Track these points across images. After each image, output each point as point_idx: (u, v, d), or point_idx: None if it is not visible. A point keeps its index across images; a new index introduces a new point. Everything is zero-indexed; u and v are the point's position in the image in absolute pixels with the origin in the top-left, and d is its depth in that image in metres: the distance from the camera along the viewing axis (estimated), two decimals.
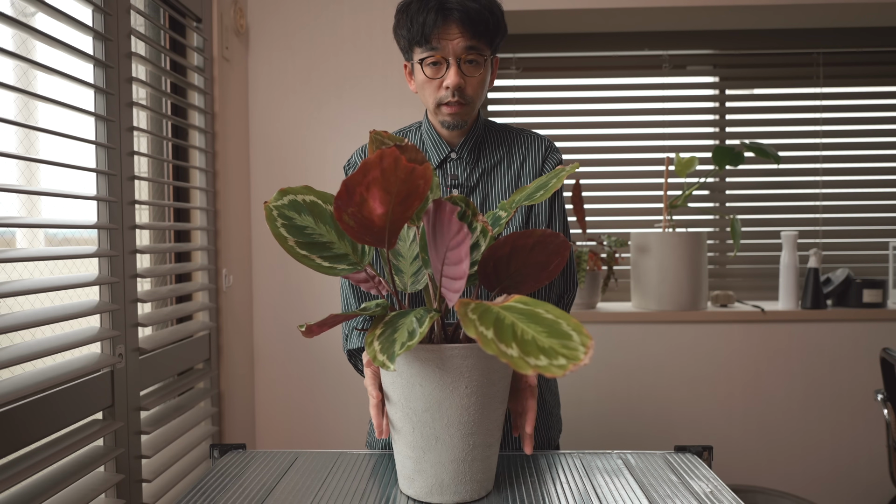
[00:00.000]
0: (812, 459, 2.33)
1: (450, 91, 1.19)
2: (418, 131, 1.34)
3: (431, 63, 1.18)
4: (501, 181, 1.29)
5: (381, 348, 0.80)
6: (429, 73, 1.19)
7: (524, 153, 1.30)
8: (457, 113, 1.21)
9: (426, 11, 1.15)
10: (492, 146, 1.30)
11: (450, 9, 1.15)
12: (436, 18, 1.15)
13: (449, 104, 1.20)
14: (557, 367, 0.66)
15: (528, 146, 1.30)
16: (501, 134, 1.32)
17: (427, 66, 1.19)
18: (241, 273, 2.17)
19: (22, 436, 1.12)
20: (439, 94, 1.20)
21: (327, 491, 0.99)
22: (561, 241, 0.89)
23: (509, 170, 1.29)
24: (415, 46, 1.20)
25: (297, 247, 0.92)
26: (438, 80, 1.19)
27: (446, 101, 1.20)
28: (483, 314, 0.74)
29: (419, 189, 0.77)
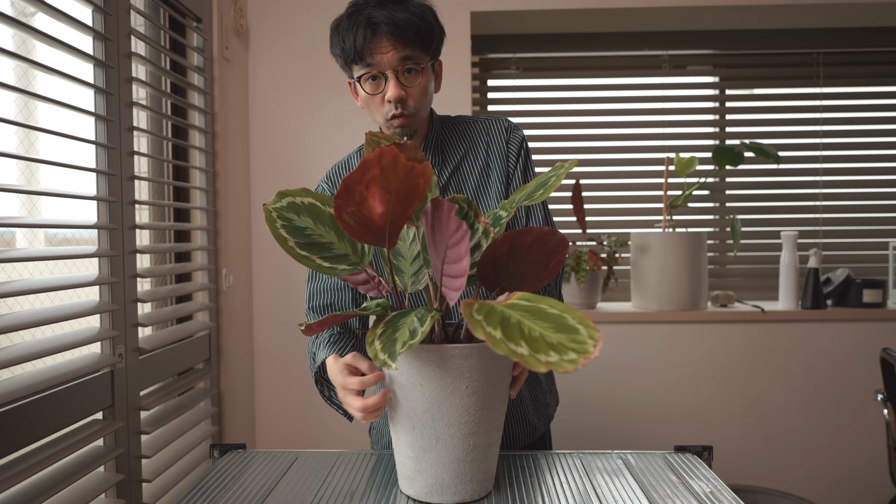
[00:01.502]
0: (812, 459, 2.33)
1: (392, 104, 1.17)
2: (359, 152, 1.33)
3: (370, 78, 1.17)
4: (471, 174, 1.28)
5: (383, 347, 0.80)
6: (369, 90, 1.19)
7: (486, 140, 1.29)
8: (404, 125, 1.20)
9: (355, 28, 1.14)
10: (453, 142, 1.30)
11: (377, 23, 1.13)
12: (365, 34, 1.14)
13: (395, 117, 1.19)
14: (569, 361, 0.66)
15: (488, 132, 1.29)
16: (459, 127, 1.31)
17: (366, 83, 1.18)
18: (241, 273, 2.17)
19: (22, 436, 1.12)
20: (383, 108, 1.19)
21: (327, 491, 0.99)
22: (559, 238, 0.89)
23: (476, 161, 1.28)
24: (352, 64, 1.19)
25: (298, 247, 0.92)
26: (380, 94, 1.18)
27: (391, 114, 1.19)
28: (489, 314, 0.74)
29: (419, 188, 0.77)
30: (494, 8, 2.25)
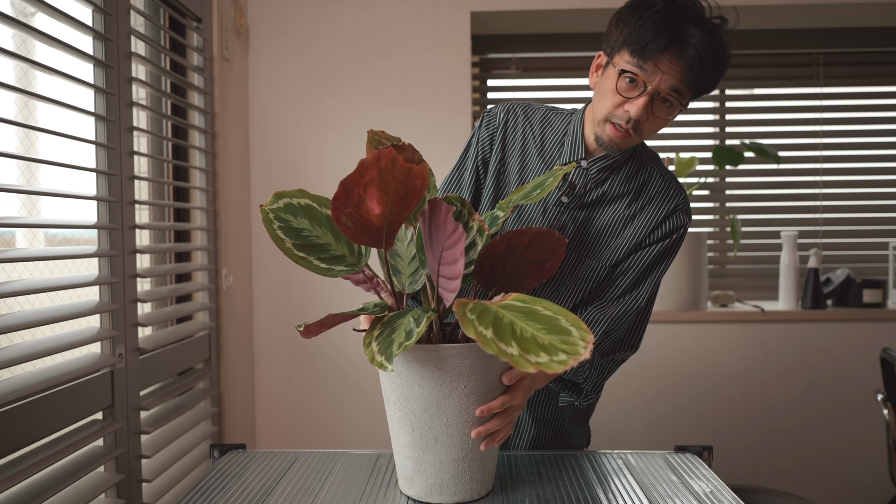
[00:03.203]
0: (812, 459, 2.33)
1: (627, 116, 1.06)
2: (568, 118, 1.22)
3: (629, 79, 1.05)
4: (612, 215, 1.18)
5: (380, 349, 0.80)
6: (620, 88, 1.06)
7: (650, 198, 1.17)
8: (619, 140, 1.10)
9: (662, 30, 1.01)
10: (624, 175, 1.18)
11: (688, 44, 1.02)
12: (666, 46, 1.02)
13: (618, 127, 1.09)
14: (558, 362, 0.67)
15: (657, 192, 1.18)
16: (643, 167, 1.20)
17: (623, 80, 1.06)
18: (241, 273, 2.18)
19: (22, 436, 1.12)
20: (616, 111, 1.08)
21: (327, 491, 0.99)
22: (556, 238, 0.89)
23: (627, 209, 1.18)
24: (625, 50, 1.05)
25: (295, 248, 0.92)
26: (623, 98, 1.07)
27: (617, 122, 1.08)
28: (482, 313, 0.74)
29: (416, 189, 0.77)
30: (494, 8, 2.25)
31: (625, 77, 1.06)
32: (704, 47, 1.02)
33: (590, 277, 1.19)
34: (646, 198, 1.18)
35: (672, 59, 1.03)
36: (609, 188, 1.18)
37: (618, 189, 1.18)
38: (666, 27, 1.01)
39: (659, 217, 1.17)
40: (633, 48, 1.04)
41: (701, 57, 1.03)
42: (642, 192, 1.18)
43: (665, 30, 1.01)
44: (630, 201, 1.18)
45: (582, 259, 1.19)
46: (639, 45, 1.03)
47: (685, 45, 1.02)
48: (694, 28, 1.02)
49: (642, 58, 1.03)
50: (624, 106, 1.07)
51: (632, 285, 1.18)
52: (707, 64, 1.04)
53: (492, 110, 1.26)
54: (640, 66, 1.04)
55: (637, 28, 1.03)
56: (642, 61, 1.04)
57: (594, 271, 1.19)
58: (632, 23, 1.04)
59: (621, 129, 1.08)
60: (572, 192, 1.18)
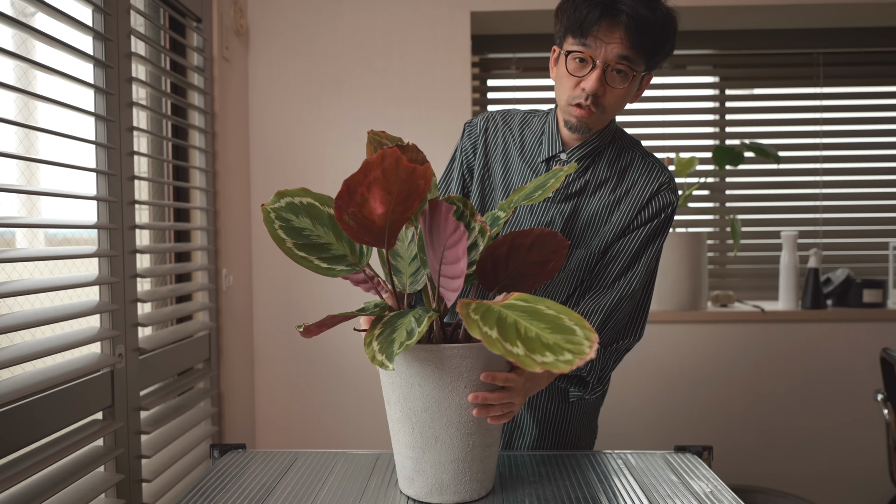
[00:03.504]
0: (812, 459, 2.33)
1: (584, 94, 1.10)
2: (544, 118, 1.26)
3: (578, 59, 1.10)
4: (600, 203, 1.20)
5: (380, 348, 0.80)
6: (571, 69, 1.11)
7: (634, 181, 1.19)
8: (584, 118, 1.13)
9: (594, 5, 1.07)
10: (606, 161, 1.20)
11: (619, 10, 1.06)
12: (600, 16, 1.06)
13: (580, 106, 1.12)
14: (564, 362, 0.67)
15: (640, 174, 1.20)
16: (622, 150, 1.22)
17: (571, 61, 1.10)
18: (241, 273, 2.17)
19: (22, 436, 1.12)
20: (573, 92, 1.12)
21: (327, 491, 0.99)
22: (559, 240, 0.89)
23: (612, 194, 1.19)
24: (568, 35, 1.11)
25: (296, 248, 0.92)
26: (578, 78, 1.11)
27: (577, 101, 1.12)
28: (485, 314, 0.74)
29: (419, 189, 0.77)
30: (494, 8, 2.25)
31: (573, 58, 1.11)
32: (637, 11, 1.06)
33: (581, 266, 1.20)
34: (629, 181, 1.20)
35: (609, 27, 1.07)
36: (592, 176, 1.20)
37: (601, 176, 1.20)
38: (597, 1, 1.07)
39: (644, 198, 1.18)
40: (573, 30, 1.10)
41: (637, 19, 1.06)
42: (625, 175, 1.20)
43: (596, 3, 1.07)
44: (614, 186, 1.20)
45: (573, 249, 1.20)
46: (576, 24, 1.09)
47: (616, 11, 1.06)
48: None
49: (583, 35, 1.08)
50: (580, 85, 1.11)
51: (623, 270, 1.19)
52: (645, 25, 1.07)
53: (472, 121, 1.31)
54: (583, 43, 1.09)
55: (573, 11, 1.10)
56: (584, 38, 1.09)
57: (584, 260, 1.20)
58: (568, 9, 1.11)
59: (583, 106, 1.12)
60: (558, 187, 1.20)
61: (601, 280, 1.19)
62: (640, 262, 1.19)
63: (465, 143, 1.29)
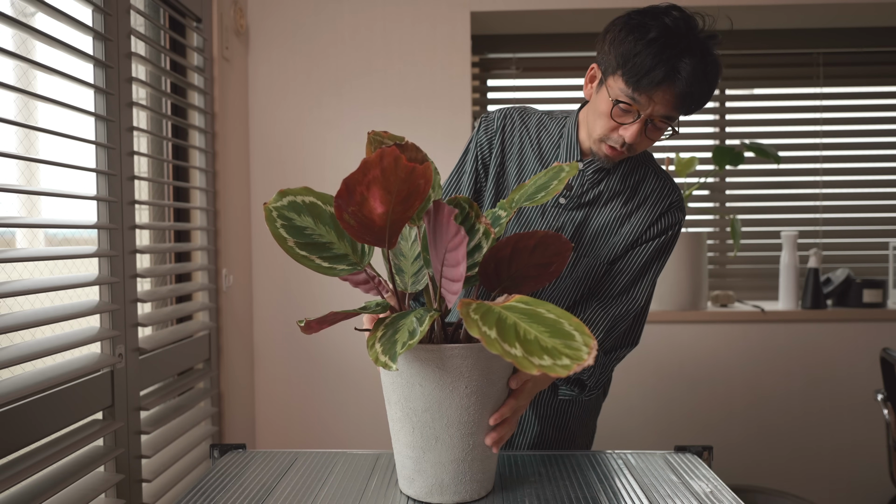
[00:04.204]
0: (812, 459, 2.33)
1: (621, 140, 1.11)
2: (562, 122, 1.25)
3: (624, 108, 1.09)
4: (610, 216, 1.20)
5: (383, 349, 0.80)
6: (615, 115, 1.10)
7: (646, 196, 1.21)
8: (613, 157, 1.15)
9: (656, 63, 1.03)
10: (620, 175, 1.22)
11: (680, 78, 1.04)
12: (661, 80, 1.04)
13: (613, 148, 1.13)
14: (562, 366, 0.67)
15: (652, 190, 1.21)
16: (637, 166, 1.23)
17: (617, 108, 1.09)
18: (241, 273, 2.17)
19: (22, 436, 1.12)
20: (611, 134, 1.12)
21: (327, 491, 0.99)
22: (562, 242, 0.89)
23: (623, 207, 1.21)
24: (619, 74, 1.07)
25: (297, 247, 0.92)
26: (617, 122, 1.10)
27: (611, 143, 1.12)
28: (485, 314, 0.74)
29: (420, 188, 0.77)
30: (494, 8, 2.25)
31: (619, 105, 1.09)
32: (697, 76, 1.04)
33: (588, 275, 1.22)
34: (641, 196, 1.21)
35: (665, 91, 1.05)
36: (605, 188, 1.21)
37: (614, 188, 1.21)
38: (661, 59, 1.03)
39: (654, 215, 1.20)
40: (628, 78, 1.06)
41: (692, 86, 1.05)
42: (638, 190, 1.21)
43: (660, 62, 1.03)
44: (626, 200, 1.21)
45: (580, 258, 1.22)
46: (633, 76, 1.05)
47: (676, 79, 1.04)
48: (687, 60, 1.03)
49: (636, 90, 1.06)
50: (619, 130, 1.11)
51: (630, 283, 1.20)
52: (699, 90, 1.06)
53: (489, 115, 1.29)
54: (634, 97, 1.07)
55: (632, 56, 1.04)
56: (636, 93, 1.06)
57: (592, 269, 1.22)
58: (626, 47, 1.05)
59: (616, 150, 1.13)
60: (569, 194, 1.21)
61: (607, 290, 1.21)
62: (645, 277, 1.21)
63: (480, 137, 1.27)
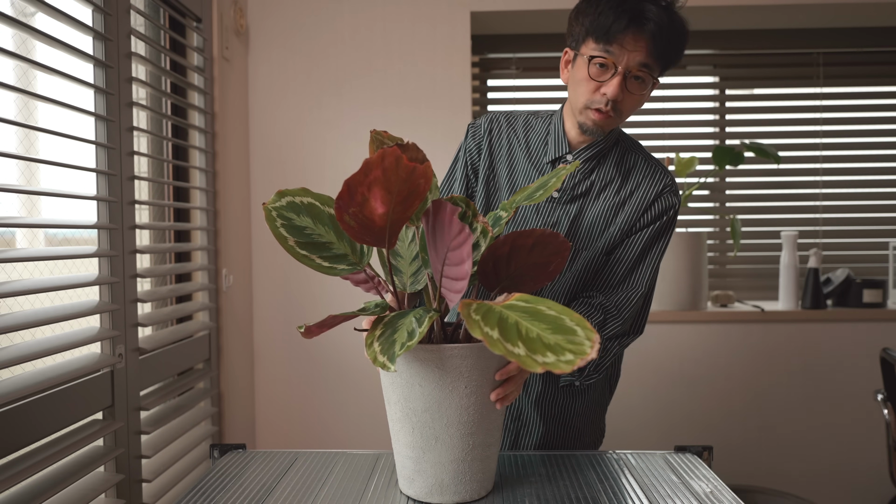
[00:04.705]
0: (812, 459, 2.33)
1: (605, 99, 1.12)
2: (548, 119, 1.28)
3: (599, 64, 1.11)
4: (605, 204, 1.22)
5: (382, 349, 0.80)
6: (593, 73, 1.12)
7: (638, 182, 1.22)
8: (602, 122, 1.16)
9: (620, 13, 1.08)
10: (611, 162, 1.23)
11: (647, 19, 1.08)
12: (627, 25, 1.08)
13: (599, 111, 1.14)
14: (565, 362, 0.67)
15: (645, 175, 1.22)
16: (627, 153, 1.25)
17: (593, 66, 1.12)
18: (241, 273, 2.17)
19: (22, 436, 1.12)
20: (593, 97, 1.14)
21: (327, 491, 0.99)
22: (560, 241, 0.89)
23: (616, 195, 1.22)
24: (590, 39, 1.12)
25: (297, 247, 0.92)
26: (598, 83, 1.13)
27: (597, 106, 1.14)
28: (486, 314, 0.74)
29: (420, 188, 0.77)
30: (494, 8, 2.25)
31: (595, 63, 1.12)
32: (662, 20, 1.09)
33: (588, 267, 1.23)
34: (633, 183, 1.22)
35: (635, 36, 1.09)
36: (597, 177, 1.23)
37: (606, 177, 1.23)
38: (623, 9, 1.09)
39: (648, 200, 1.21)
40: (597, 35, 1.11)
41: (661, 28, 1.09)
42: (629, 177, 1.23)
43: (623, 11, 1.08)
44: (618, 188, 1.22)
45: (579, 252, 1.22)
46: (602, 30, 1.10)
47: (644, 20, 1.09)
48: (649, 4, 1.09)
49: (607, 41, 1.10)
50: (600, 90, 1.13)
51: (629, 270, 1.22)
52: (667, 35, 1.10)
53: (476, 121, 1.32)
54: (607, 49, 1.10)
55: (597, 16, 1.10)
56: (608, 45, 1.10)
57: (590, 262, 1.22)
58: (591, 13, 1.12)
59: (603, 111, 1.14)
60: (562, 187, 1.22)
61: (607, 280, 1.21)
62: (644, 263, 1.21)
63: (468, 144, 1.30)
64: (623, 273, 1.21)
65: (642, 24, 1.08)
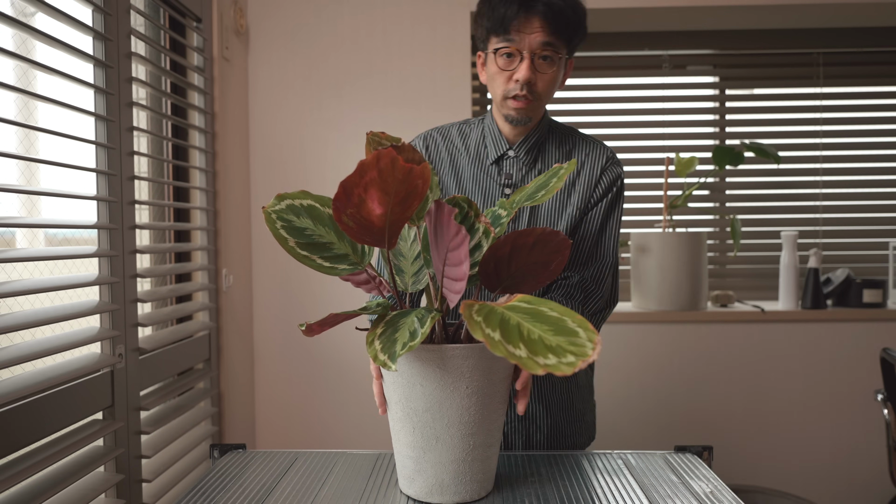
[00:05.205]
0: (812, 459, 2.33)
1: (519, 84, 1.17)
2: (480, 123, 1.33)
3: (505, 54, 1.17)
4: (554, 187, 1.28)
5: (383, 348, 0.80)
6: (501, 65, 1.18)
7: (583, 160, 1.27)
8: (523, 108, 1.20)
9: (509, 2, 1.14)
10: (552, 148, 1.29)
11: (534, 1, 1.14)
12: (518, 10, 1.14)
13: (516, 98, 1.19)
14: (567, 364, 0.66)
15: (588, 154, 1.28)
16: (564, 137, 1.30)
17: (500, 57, 1.18)
18: (241, 273, 2.17)
19: (22, 436, 1.12)
20: (508, 86, 1.19)
21: (327, 491, 0.99)
22: (560, 239, 0.89)
23: None
24: (492, 35, 1.18)
25: (298, 247, 0.92)
26: (509, 72, 1.18)
27: (513, 94, 1.19)
28: (488, 315, 0.74)
29: (418, 189, 0.77)
30: None
31: (501, 54, 1.18)
32: None
33: None
34: (578, 162, 1.27)
35: (528, 19, 1.15)
36: (542, 165, 1.28)
37: (550, 161, 1.28)
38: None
39: (596, 175, 1.27)
40: (496, 29, 1.17)
41: (551, 7, 1.14)
42: (573, 157, 1.28)
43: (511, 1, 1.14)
44: None
45: None
46: (498, 23, 1.16)
47: (533, 2, 1.14)
48: None
49: (506, 31, 1.16)
50: (512, 77, 1.18)
51: (595, 244, 1.27)
52: (560, 11, 1.15)
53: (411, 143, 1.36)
54: (508, 38, 1.16)
55: (491, 12, 1.17)
56: (507, 34, 1.16)
57: None
58: (486, 11, 1.18)
59: (520, 97, 1.19)
60: (511, 182, 1.27)
61: (576, 257, 1.26)
62: (605, 234, 1.27)
63: None
64: (589, 248, 1.26)
65: (532, 5, 1.14)
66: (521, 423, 1.31)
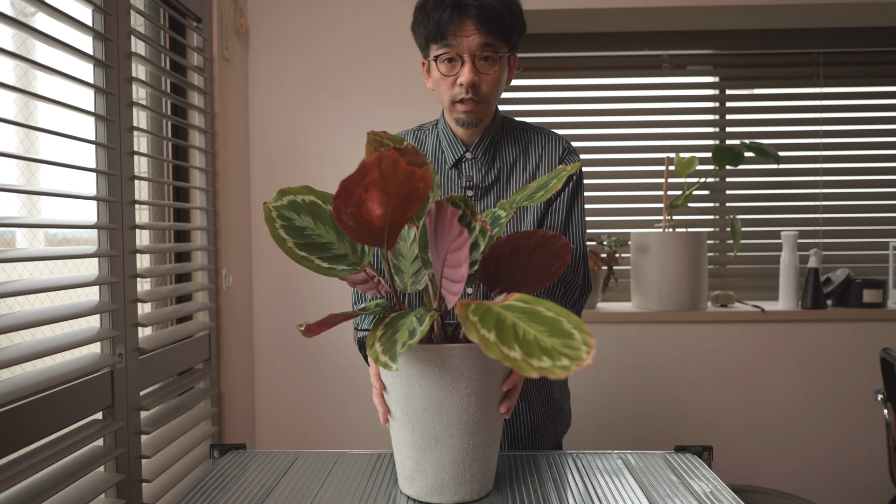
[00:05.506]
0: (812, 459, 2.33)
1: (464, 88, 1.18)
2: (434, 129, 1.34)
3: (446, 60, 1.19)
4: (517, 183, 1.27)
5: (383, 349, 0.80)
6: (443, 70, 1.20)
7: (540, 153, 1.29)
8: (471, 111, 1.21)
9: (442, 8, 1.16)
10: (508, 145, 1.30)
11: (466, 5, 1.15)
12: (451, 15, 1.15)
13: (463, 101, 1.20)
14: (561, 367, 0.66)
15: (544, 146, 1.29)
16: (518, 132, 1.31)
17: (442, 63, 1.19)
18: (241, 273, 2.17)
19: (22, 436, 1.12)
20: (454, 91, 1.20)
21: (327, 491, 0.99)
22: (562, 243, 0.89)
23: (524, 171, 1.28)
24: (431, 43, 1.20)
25: (296, 248, 0.91)
26: (453, 76, 1.19)
27: (460, 98, 1.20)
28: (484, 315, 0.74)
29: (419, 191, 0.77)
30: None
31: (442, 60, 1.20)
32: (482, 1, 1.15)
33: None
34: (536, 155, 1.29)
35: (462, 23, 1.16)
36: (501, 163, 1.29)
37: (509, 160, 1.29)
38: (444, 4, 1.16)
39: (554, 166, 1.28)
40: (434, 36, 1.18)
41: (483, 8, 1.15)
42: (529, 152, 1.29)
43: (444, 5, 1.16)
44: (524, 164, 1.28)
45: None
46: (434, 30, 1.17)
47: (464, 6, 1.15)
48: None
49: (443, 37, 1.17)
50: (457, 81, 1.19)
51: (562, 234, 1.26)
52: (493, 11, 1.16)
53: None
54: (446, 44, 1.18)
55: (427, 21, 1.19)
56: (444, 40, 1.17)
57: None
58: (422, 20, 1.20)
59: (466, 100, 1.20)
60: (472, 183, 1.28)
61: None
62: (572, 223, 1.28)
63: None
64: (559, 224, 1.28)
65: (464, 9, 1.15)
66: (506, 422, 1.32)
